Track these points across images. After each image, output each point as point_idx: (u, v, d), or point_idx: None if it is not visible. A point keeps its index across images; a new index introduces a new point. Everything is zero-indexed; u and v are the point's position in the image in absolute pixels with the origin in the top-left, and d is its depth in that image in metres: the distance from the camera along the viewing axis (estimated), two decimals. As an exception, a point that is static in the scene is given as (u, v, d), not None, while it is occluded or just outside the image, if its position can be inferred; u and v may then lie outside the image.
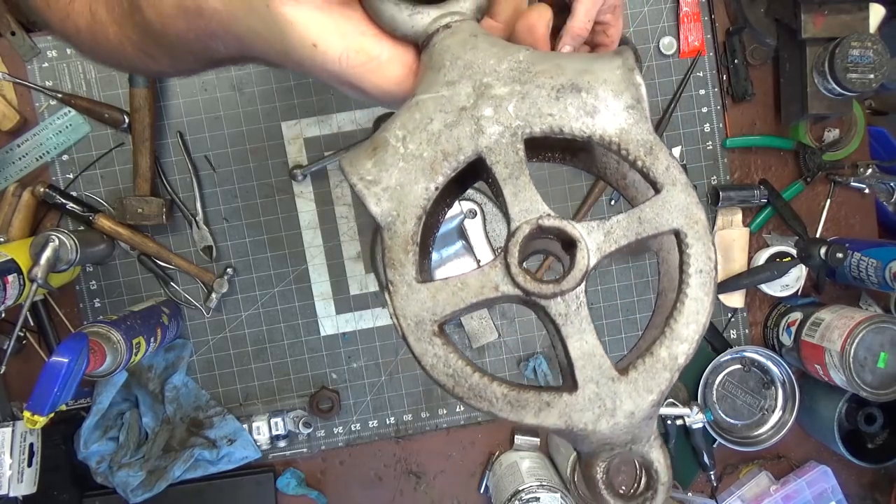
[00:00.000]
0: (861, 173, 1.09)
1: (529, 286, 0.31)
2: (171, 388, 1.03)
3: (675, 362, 0.32)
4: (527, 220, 0.32)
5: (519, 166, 0.32)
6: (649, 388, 0.32)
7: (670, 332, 0.32)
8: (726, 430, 1.10)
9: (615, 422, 0.32)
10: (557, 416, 0.31)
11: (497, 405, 0.32)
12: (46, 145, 1.01)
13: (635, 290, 1.09)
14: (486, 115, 0.32)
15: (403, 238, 0.32)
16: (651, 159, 0.32)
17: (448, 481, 1.10)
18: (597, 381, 0.32)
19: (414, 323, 0.32)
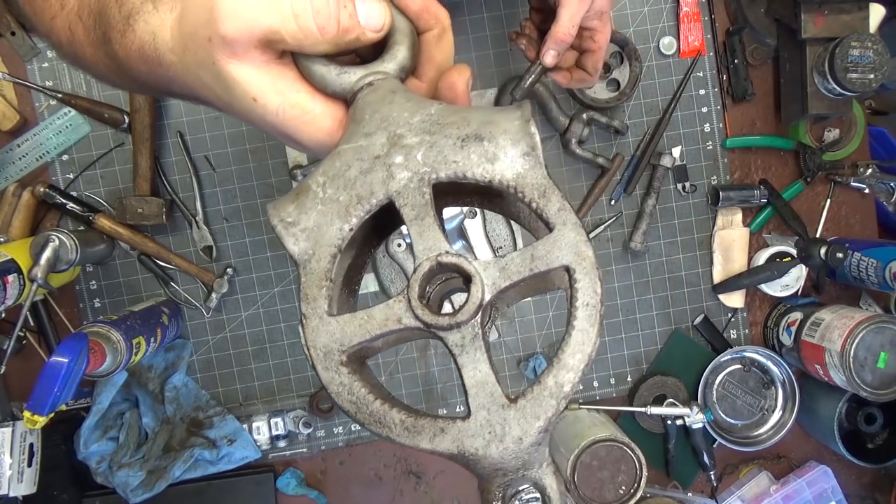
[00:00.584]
0: (861, 173, 1.09)
1: (427, 318, 0.33)
2: (171, 388, 1.03)
3: (560, 390, 0.33)
4: (427, 257, 0.34)
5: (425, 208, 0.35)
6: (536, 414, 0.33)
7: (557, 362, 0.33)
8: (726, 430, 1.10)
9: (504, 447, 0.33)
10: (450, 442, 0.33)
11: (395, 431, 0.34)
12: (46, 145, 1.01)
13: (635, 290, 1.10)
14: (396, 163, 0.35)
15: (317, 275, 0.35)
16: (544, 201, 0.35)
17: (448, 481, 1.10)
18: (488, 408, 0.33)
19: (322, 353, 0.34)
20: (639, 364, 1.11)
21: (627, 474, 0.99)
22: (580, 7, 0.72)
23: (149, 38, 0.41)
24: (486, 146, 0.35)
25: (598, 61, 0.81)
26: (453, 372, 1.08)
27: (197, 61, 0.39)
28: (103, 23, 0.45)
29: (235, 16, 0.36)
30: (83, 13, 0.47)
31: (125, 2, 0.43)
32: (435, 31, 0.41)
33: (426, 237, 0.35)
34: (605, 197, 1.08)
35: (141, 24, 0.42)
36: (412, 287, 0.34)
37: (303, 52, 0.39)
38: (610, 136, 1.08)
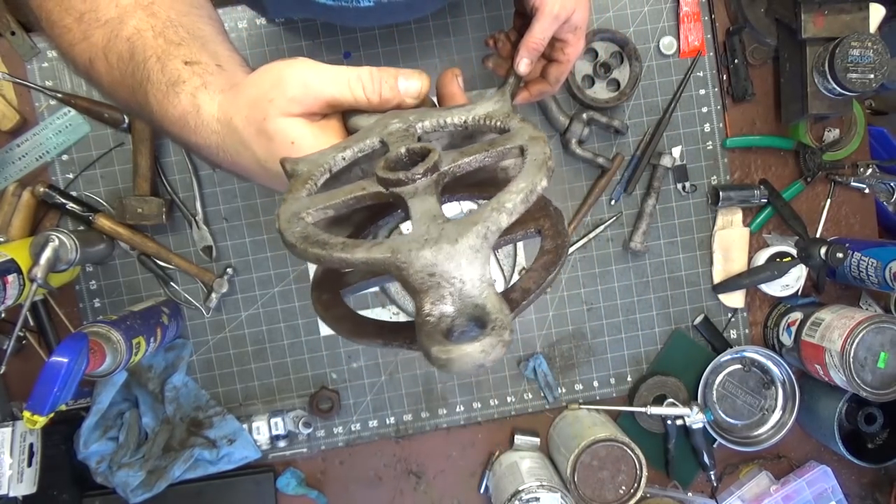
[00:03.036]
0: (861, 173, 1.09)
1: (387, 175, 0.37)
2: (170, 388, 1.03)
3: (502, 205, 0.33)
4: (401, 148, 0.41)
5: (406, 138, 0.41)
6: (474, 220, 0.33)
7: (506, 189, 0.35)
8: (726, 430, 1.10)
9: (438, 247, 0.32)
10: (386, 249, 0.33)
11: (335, 248, 0.35)
12: (46, 145, 1.01)
13: (635, 290, 1.10)
14: (393, 122, 0.43)
15: (304, 177, 0.41)
16: (507, 120, 0.41)
17: (448, 481, 1.10)
18: (428, 224, 0.34)
19: (290, 214, 0.39)
20: (639, 364, 1.11)
21: (627, 474, 0.99)
22: (553, 22, 0.75)
23: (193, 110, 0.49)
24: (467, 108, 0.44)
25: (562, 73, 0.82)
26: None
27: (244, 124, 0.47)
28: (139, 76, 0.50)
29: (304, 84, 0.46)
30: (110, 55, 0.52)
31: (169, 68, 0.50)
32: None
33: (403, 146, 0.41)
34: (605, 197, 1.08)
35: (187, 96, 0.49)
36: (382, 160, 0.39)
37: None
38: (610, 136, 1.08)
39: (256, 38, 1.03)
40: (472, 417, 1.09)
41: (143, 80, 0.50)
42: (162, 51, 0.50)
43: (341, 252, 0.34)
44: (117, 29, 0.52)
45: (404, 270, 0.32)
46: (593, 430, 1.00)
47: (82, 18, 0.53)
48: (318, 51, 1.04)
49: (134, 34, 0.51)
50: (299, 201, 0.39)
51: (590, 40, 1.03)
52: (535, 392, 1.10)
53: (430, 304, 0.32)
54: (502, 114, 0.42)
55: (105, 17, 0.52)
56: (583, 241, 1.08)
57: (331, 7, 0.78)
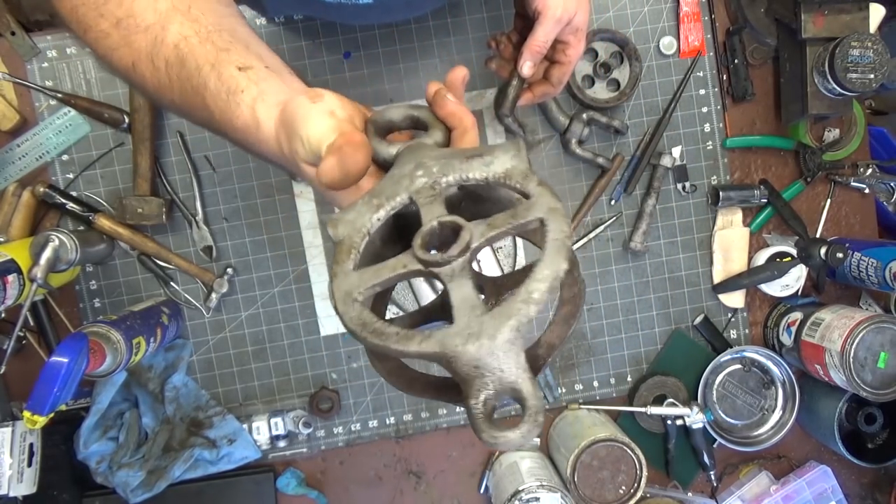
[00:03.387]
0: (861, 173, 1.09)
1: (426, 257, 0.41)
2: (170, 388, 1.03)
3: (530, 296, 0.38)
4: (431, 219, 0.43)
5: (433, 196, 0.45)
6: (508, 314, 0.37)
7: (531, 277, 0.38)
8: (726, 430, 1.10)
9: (479, 343, 0.37)
10: (435, 344, 0.38)
11: (391, 339, 0.39)
12: (46, 145, 1.01)
13: (635, 290, 1.09)
14: (418, 175, 0.46)
15: (347, 245, 0.44)
16: (526, 181, 0.43)
17: (448, 481, 1.10)
18: (468, 315, 0.38)
19: (343, 294, 0.42)
20: (639, 364, 1.11)
21: (627, 474, 0.99)
22: (555, 25, 0.77)
23: (254, 124, 0.51)
24: (485, 158, 0.45)
25: (564, 75, 0.84)
26: (453, 372, 1.08)
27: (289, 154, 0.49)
28: (195, 82, 0.52)
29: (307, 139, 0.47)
30: (157, 60, 0.53)
31: (225, 76, 0.51)
32: (458, 130, 0.52)
33: (434, 212, 0.44)
34: (605, 197, 1.08)
35: (247, 108, 0.51)
36: (416, 239, 0.42)
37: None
38: (610, 136, 1.08)
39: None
40: (472, 417, 1.09)
41: (200, 88, 0.52)
42: (214, 57, 0.52)
43: (396, 344, 0.39)
44: (161, 35, 0.53)
45: (453, 363, 0.38)
46: (593, 430, 1.00)
47: (120, 24, 0.54)
48: (318, 51, 1.04)
49: (181, 40, 0.53)
50: (349, 277, 0.43)
51: (590, 40, 1.03)
52: (535, 392, 1.10)
53: (475, 393, 0.37)
54: (520, 173, 0.44)
55: (145, 23, 0.53)
56: (583, 241, 1.08)
57: (330, 4, 0.78)
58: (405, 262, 0.42)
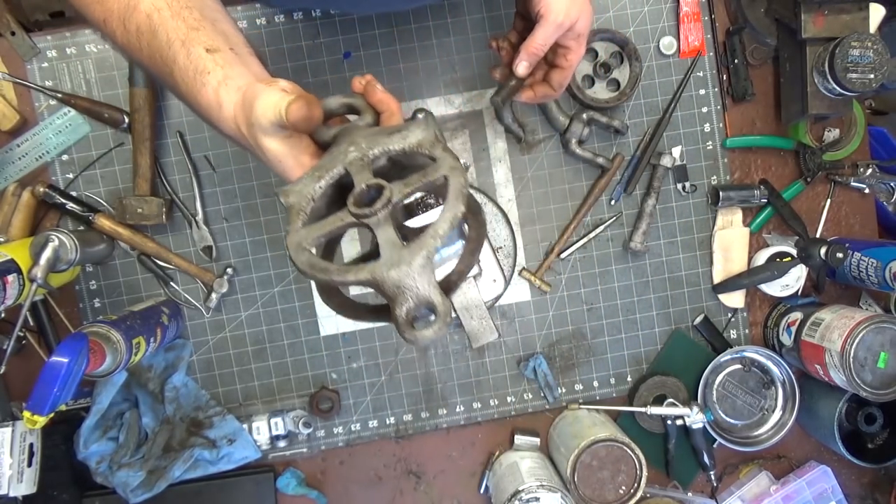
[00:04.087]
0: (861, 173, 1.09)
1: (357, 211, 0.52)
2: (170, 388, 1.03)
3: (436, 232, 0.50)
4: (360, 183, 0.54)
5: (363, 167, 0.56)
6: (421, 246, 0.49)
7: (438, 219, 0.50)
8: (726, 430, 1.10)
9: (399, 269, 0.49)
10: (367, 272, 0.49)
11: (332, 272, 0.51)
12: (46, 145, 1.01)
13: (635, 290, 1.09)
14: (350, 150, 0.57)
15: (297, 209, 0.55)
16: (433, 148, 0.55)
17: (448, 481, 1.10)
18: (391, 251, 0.50)
19: (294, 245, 0.53)
20: (639, 364, 1.11)
21: (627, 474, 0.99)
22: (556, 30, 0.77)
23: (216, 106, 0.57)
24: (402, 133, 0.57)
25: (564, 79, 0.85)
26: (453, 372, 1.09)
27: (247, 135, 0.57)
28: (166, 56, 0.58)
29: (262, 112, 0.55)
30: (129, 24, 0.59)
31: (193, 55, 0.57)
32: (386, 114, 0.63)
33: (362, 177, 0.55)
34: (605, 197, 1.08)
35: (211, 90, 0.57)
36: (351, 197, 0.53)
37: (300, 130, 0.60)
38: (610, 135, 1.08)
39: (256, 38, 1.03)
40: (472, 417, 1.09)
41: (169, 61, 0.58)
42: (184, 35, 0.57)
43: (337, 276, 0.51)
44: (133, 1, 0.59)
45: (381, 285, 0.49)
46: (593, 430, 1.00)
47: None
48: (318, 51, 1.04)
49: (153, 11, 0.58)
50: (298, 233, 0.53)
51: (590, 40, 1.03)
52: (535, 392, 1.10)
53: (399, 306, 0.49)
54: (429, 142, 0.56)
55: None
56: (583, 241, 1.08)
57: None
58: (342, 217, 0.53)
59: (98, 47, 1.01)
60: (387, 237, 0.51)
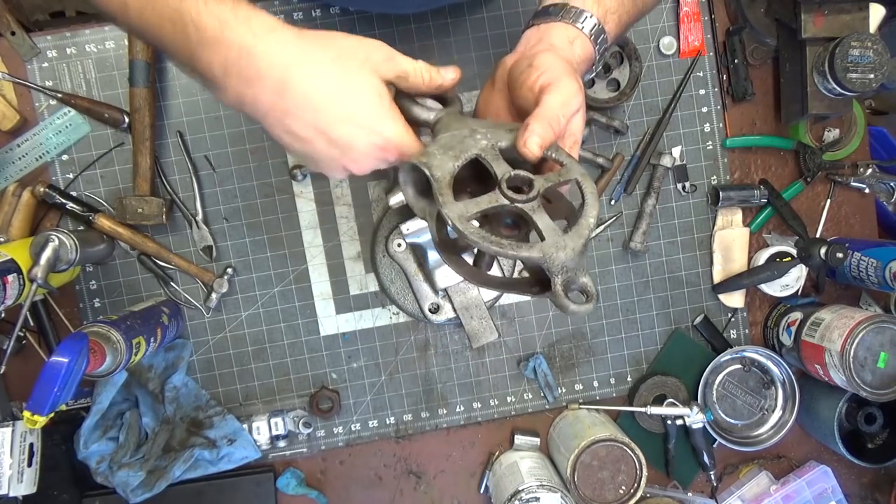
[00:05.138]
0: (861, 173, 1.09)
1: (513, 196, 0.58)
2: (171, 388, 1.03)
3: (588, 224, 0.58)
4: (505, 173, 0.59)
5: (496, 155, 0.61)
6: (580, 235, 0.57)
7: (584, 214, 0.59)
8: (726, 430, 1.10)
9: (565, 252, 0.56)
10: (538, 251, 0.56)
11: (506, 247, 0.55)
12: (46, 145, 1.01)
13: (635, 290, 1.09)
14: (477, 138, 0.61)
15: (444, 182, 0.59)
16: (558, 153, 0.62)
17: (448, 481, 1.10)
18: (554, 235, 0.57)
19: (457, 216, 0.57)
20: (639, 364, 1.11)
21: (627, 474, 0.99)
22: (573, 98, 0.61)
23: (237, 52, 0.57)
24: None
25: None
26: (453, 372, 1.09)
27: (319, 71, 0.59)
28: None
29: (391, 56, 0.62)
30: None
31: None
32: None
33: (501, 167, 0.59)
34: (605, 197, 1.08)
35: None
36: (502, 183, 0.58)
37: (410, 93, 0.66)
38: (610, 135, 1.08)
39: (256, 38, 1.03)
40: (472, 417, 1.10)
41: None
42: None
43: (511, 250, 0.55)
44: None
45: (548, 263, 0.56)
46: (593, 430, 1.00)
47: None
48: (318, 51, 1.04)
49: None
50: (456, 205, 0.57)
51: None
52: (535, 392, 1.10)
53: (560, 280, 0.56)
54: (554, 146, 0.62)
55: None
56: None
57: None
58: (496, 197, 0.58)
59: (98, 47, 1.01)
60: (545, 223, 0.57)
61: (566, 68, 0.62)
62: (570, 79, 0.61)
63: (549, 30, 0.67)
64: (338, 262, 1.06)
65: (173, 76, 1.02)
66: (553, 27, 0.66)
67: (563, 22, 0.66)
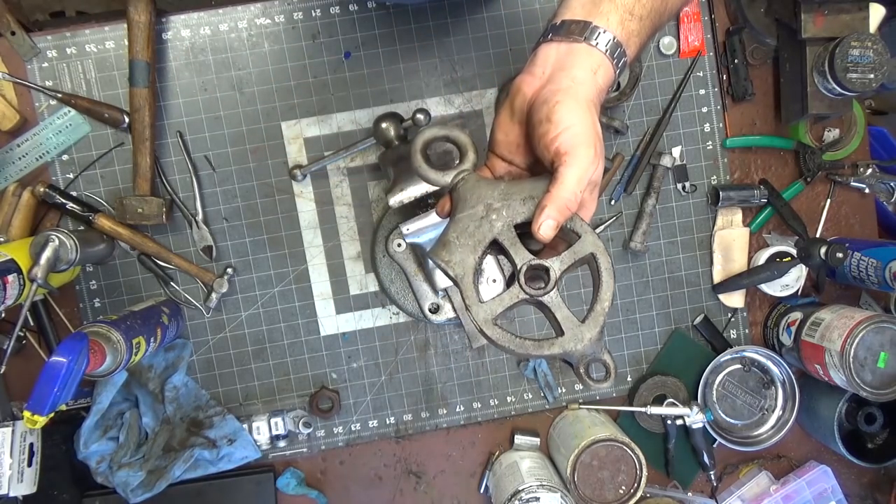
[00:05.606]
0: (861, 173, 1.09)
1: (532, 292, 0.61)
2: (171, 388, 1.03)
3: (603, 309, 0.61)
4: (524, 262, 0.61)
5: (513, 238, 0.62)
6: (596, 324, 0.61)
7: (598, 297, 0.61)
8: (726, 430, 1.10)
9: (583, 344, 0.60)
10: (558, 347, 0.60)
11: (530, 348, 0.60)
12: (46, 145, 1.01)
13: (635, 290, 1.10)
14: (493, 219, 0.62)
15: (468, 283, 0.61)
16: (574, 223, 0.62)
17: (448, 481, 1.10)
18: (572, 328, 0.61)
19: (483, 320, 0.61)
20: (639, 364, 1.11)
21: (627, 474, 0.99)
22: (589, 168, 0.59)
23: None
24: (536, 201, 0.61)
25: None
26: (453, 372, 1.09)
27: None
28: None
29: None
30: None
31: None
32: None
33: (520, 254, 0.61)
34: (605, 197, 1.08)
35: None
36: (520, 278, 0.61)
37: None
38: (610, 135, 1.08)
39: (256, 38, 1.03)
40: (472, 417, 1.10)
41: None
42: None
43: (533, 350, 0.60)
44: None
45: (569, 356, 0.61)
46: (593, 430, 1.00)
47: None
48: (318, 51, 1.04)
49: None
50: (482, 307, 0.61)
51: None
52: (535, 392, 1.10)
53: (581, 366, 0.61)
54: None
55: None
56: (583, 241, 1.08)
57: None
58: (517, 293, 0.61)
59: (98, 47, 1.01)
60: (564, 315, 0.61)
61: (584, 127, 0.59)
62: (587, 147, 0.59)
63: (571, 55, 0.62)
64: (338, 262, 1.06)
65: (173, 76, 1.02)
66: (575, 51, 0.62)
67: (586, 44, 0.61)
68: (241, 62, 1.03)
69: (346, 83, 1.04)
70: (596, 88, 0.62)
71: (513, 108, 0.65)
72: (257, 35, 1.03)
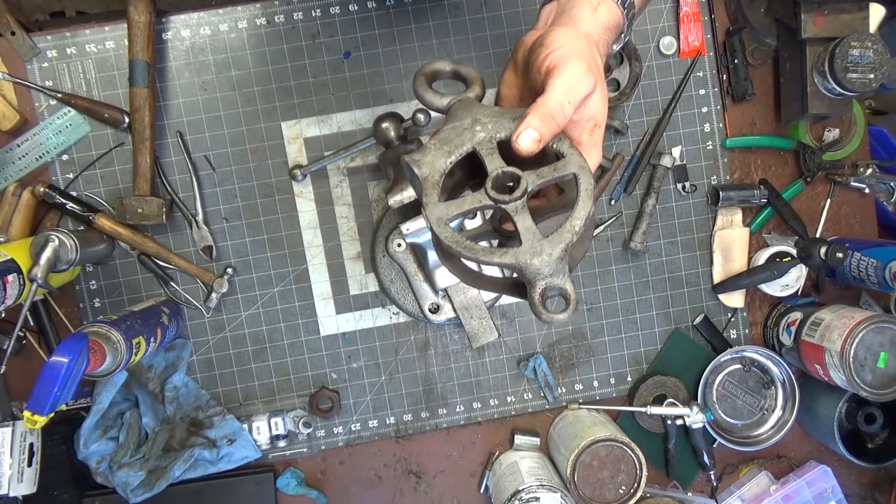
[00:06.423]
0: (861, 173, 1.09)
1: (497, 196, 0.55)
2: (171, 388, 1.03)
3: (573, 227, 0.53)
4: (495, 169, 0.56)
5: (492, 149, 0.57)
6: (560, 240, 0.53)
7: (572, 215, 0.54)
8: (726, 430, 1.10)
9: (540, 258, 0.53)
10: (511, 257, 0.53)
11: (479, 253, 0.54)
12: (46, 145, 1.01)
13: (635, 290, 1.09)
14: (477, 130, 0.58)
15: (431, 183, 0.57)
16: (560, 143, 0.57)
17: (448, 481, 1.10)
18: (532, 239, 0.53)
19: (436, 219, 0.55)
20: (639, 364, 1.11)
21: (627, 474, 0.99)
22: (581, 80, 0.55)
23: None
24: None
25: None
26: (453, 372, 1.09)
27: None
28: None
29: None
30: None
31: None
32: None
33: (494, 163, 0.56)
34: (605, 197, 1.08)
35: None
36: (489, 182, 0.55)
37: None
38: (610, 135, 1.08)
39: (256, 38, 1.03)
40: (472, 417, 1.09)
41: None
42: None
43: (483, 256, 0.53)
44: None
45: (523, 270, 0.53)
46: (593, 430, 1.00)
47: None
48: (318, 51, 1.04)
49: None
50: (438, 207, 0.56)
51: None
52: (535, 392, 1.10)
53: (536, 290, 0.53)
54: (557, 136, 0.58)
55: None
56: (583, 241, 1.08)
57: None
58: (479, 198, 0.55)
59: (98, 47, 1.01)
60: (526, 226, 0.54)
61: (577, 46, 0.56)
62: (578, 59, 0.55)
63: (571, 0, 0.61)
64: (338, 262, 1.06)
65: (173, 76, 1.02)
66: None
67: None
68: (241, 62, 1.03)
69: (346, 83, 1.04)
70: (598, 23, 0.61)
71: (516, 62, 0.65)
72: (257, 35, 1.03)
